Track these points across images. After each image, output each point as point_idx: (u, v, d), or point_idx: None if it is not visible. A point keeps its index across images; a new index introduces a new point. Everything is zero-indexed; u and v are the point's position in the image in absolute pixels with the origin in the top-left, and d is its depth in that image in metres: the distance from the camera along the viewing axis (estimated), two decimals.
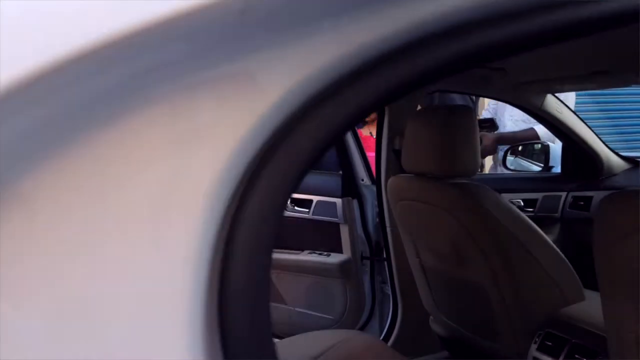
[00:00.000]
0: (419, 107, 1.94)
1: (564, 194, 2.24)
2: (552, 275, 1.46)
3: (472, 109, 1.49)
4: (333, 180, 2.13)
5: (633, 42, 1.32)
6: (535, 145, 2.59)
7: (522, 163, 2.60)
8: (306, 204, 2.18)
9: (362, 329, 2.15)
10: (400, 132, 1.68)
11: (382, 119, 1.87)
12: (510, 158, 2.56)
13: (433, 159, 1.46)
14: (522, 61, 1.67)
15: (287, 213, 2.22)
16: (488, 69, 1.70)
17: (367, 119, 3.44)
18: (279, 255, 2.28)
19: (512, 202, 2.19)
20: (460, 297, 1.67)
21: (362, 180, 2.09)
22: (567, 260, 1.50)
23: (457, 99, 2.63)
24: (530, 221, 1.47)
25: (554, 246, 1.49)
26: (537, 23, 0.41)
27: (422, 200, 1.55)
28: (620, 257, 1.00)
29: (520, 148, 2.65)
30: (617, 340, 1.09)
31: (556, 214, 2.23)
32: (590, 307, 1.46)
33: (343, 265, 2.11)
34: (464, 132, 1.45)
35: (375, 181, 1.98)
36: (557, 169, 2.40)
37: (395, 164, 1.83)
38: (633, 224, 0.95)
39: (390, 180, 1.70)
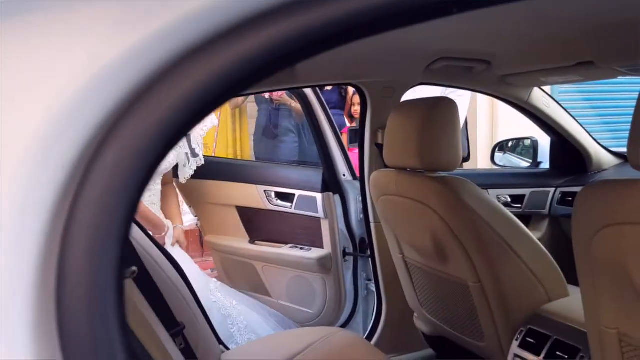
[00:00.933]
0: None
1: (552, 190, 2.21)
2: (535, 271, 1.43)
3: (454, 102, 1.45)
4: (315, 175, 2.10)
5: (616, 31, 1.29)
6: (525, 141, 2.56)
7: (511, 159, 2.58)
8: (289, 198, 2.17)
9: (345, 325, 2.13)
10: (383, 126, 1.65)
11: (365, 113, 1.84)
12: (499, 154, 2.53)
13: (414, 152, 1.43)
14: (507, 53, 1.64)
15: (270, 207, 2.20)
16: (472, 61, 1.67)
17: (356, 117, 3.41)
18: (263, 248, 2.27)
19: (499, 198, 2.17)
20: (443, 294, 1.64)
21: (344, 175, 2.07)
22: (550, 256, 1.47)
23: None
24: (512, 216, 1.44)
25: (537, 242, 1.46)
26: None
27: (403, 195, 1.52)
28: (598, 251, 0.97)
29: (509, 144, 2.62)
30: (597, 335, 1.07)
31: (544, 210, 2.20)
32: (573, 303, 1.43)
33: (321, 260, 2.10)
34: (444, 125, 1.42)
35: (359, 176, 1.95)
36: (547, 165, 2.37)
37: (378, 159, 1.80)
38: (610, 215, 0.92)
39: (372, 175, 1.67)
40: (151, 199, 2.09)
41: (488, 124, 4.55)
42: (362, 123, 1.85)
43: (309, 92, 1.96)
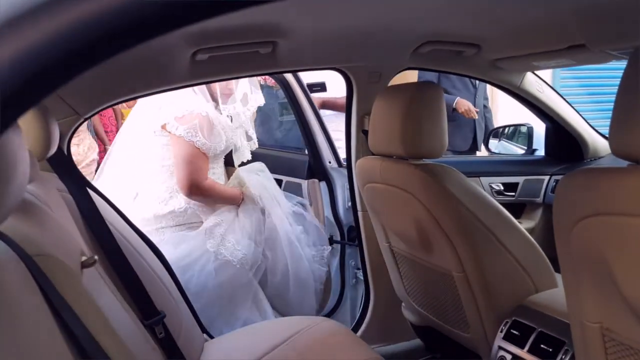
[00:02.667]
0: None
1: (546, 178, 2.16)
2: (521, 261, 1.39)
3: (440, 86, 1.41)
4: (302, 161, 2.06)
5: (607, 13, 1.24)
6: (521, 128, 2.51)
7: (506, 146, 2.52)
8: (278, 183, 2.14)
9: (331, 313, 2.10)
10: (369, 113, 1.60)
11: (351, 99, 1.79)
12: (493, 141, 2.48)
13: (397, 139, 1.39)
14: (497, 37, 1.59)
15: None
16: (461, 45, 1.62)
17: None
18: None
19: (491, 186, 2.12)
20: (429, 284, 1.61)
21: (329, 162, 2.03)
22: (538, 246, 1.43)
23: None
24: (498, 205, 1.39)
25: (524, 231, 1.42)
26: None
27: (387, 183, 1.48)
28: (578, 242, 0.93)
29: (505, 130, 2.57)
30: (580, 330, 1.03)
31: (538, 199, 2.16)
32: (561, 294, 1.38)
33: None
34: (429, 110, 1.37)
35: (347, 164, 1.91)
36: (542, 152, 2.32)
37: (365, 145, 1.76)
38: (589, 206, 0.88)
39: (358, 163, 1.63)
40: (214, 177, 2.01)
41: None
42: (349, 109, 1.81)
43: (289, 77, 1.91)
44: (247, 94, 1.94)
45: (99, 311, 0.79)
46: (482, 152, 3.33)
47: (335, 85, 2.51)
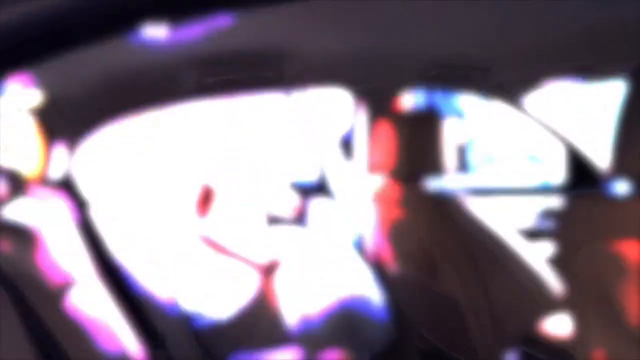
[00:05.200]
0: None
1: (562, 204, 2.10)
2: (529, 290, 1.34)
3: (439, 110, 1.39)
4: None
5: (617, 34, 1.21)
6: (536, 152, 2.46)
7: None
8: None
9: None
10: None
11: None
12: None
13: (400, 160, 1.37)
14: (506, 59, 1.56)
15: None
16: (469, 68, 1.60)
17: None
18: None
19: (502, 212, 2.08)
20: (436, 311, 1.56)
21: None
22: (547, 274, 1.37)
23: None
24: (504, 230, 1.36)
25: (535, 258, 1.38)
26: None
27: (390, 204, 1.46)
28: (580, 269, 0.89)
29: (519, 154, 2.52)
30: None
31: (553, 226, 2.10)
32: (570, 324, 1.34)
33: None
34: (431, 132, 1.36)
35: None
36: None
37: None
38: (588, 231, 0.84)
39: None
40: None
41: None
42: None
43: None
44: None
45: (80, 332, 0.79)
46: None
47: None
